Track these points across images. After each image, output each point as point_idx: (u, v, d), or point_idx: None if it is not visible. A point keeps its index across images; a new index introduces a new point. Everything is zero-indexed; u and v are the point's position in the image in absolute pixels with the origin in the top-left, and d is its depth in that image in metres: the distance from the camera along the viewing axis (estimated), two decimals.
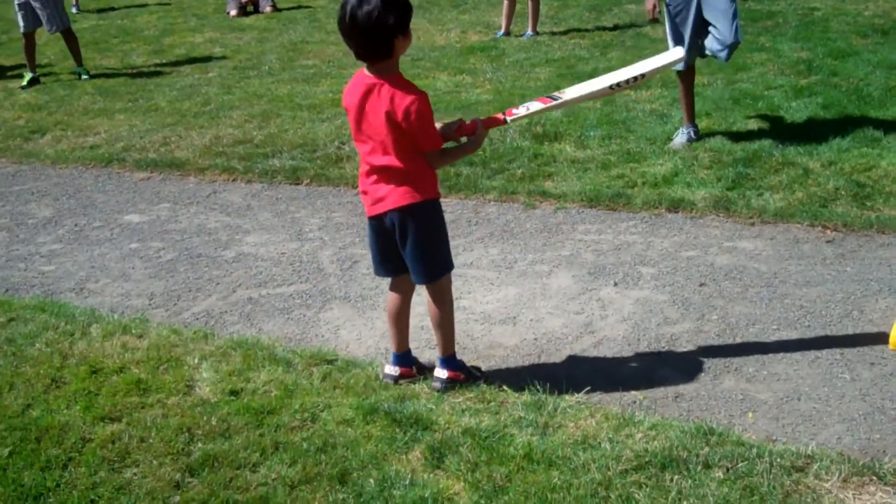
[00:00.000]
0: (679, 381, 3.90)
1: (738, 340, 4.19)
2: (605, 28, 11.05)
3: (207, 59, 11.01)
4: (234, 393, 3.89)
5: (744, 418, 3.62)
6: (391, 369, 3.98)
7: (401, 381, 3.95)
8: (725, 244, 5.13)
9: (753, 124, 6.93)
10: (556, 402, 3.70)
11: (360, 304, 4.77)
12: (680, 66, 6.43)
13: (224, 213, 6.16)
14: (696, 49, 6.42)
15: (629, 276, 4.83)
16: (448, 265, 3.86)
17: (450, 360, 3.90)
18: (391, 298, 3.98)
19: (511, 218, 5.70)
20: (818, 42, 9.28)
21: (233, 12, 13.99)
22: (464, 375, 3.91)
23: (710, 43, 6.35)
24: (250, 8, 14.24)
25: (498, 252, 5.26)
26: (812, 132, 6.63)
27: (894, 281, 4.60)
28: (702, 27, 6.35)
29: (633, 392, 3.84)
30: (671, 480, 3.17)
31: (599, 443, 3.41)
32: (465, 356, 4.18)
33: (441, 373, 3.89)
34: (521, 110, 3.88)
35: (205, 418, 3.69)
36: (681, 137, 6.60)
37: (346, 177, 6.50)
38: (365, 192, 3.75)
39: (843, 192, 5.54)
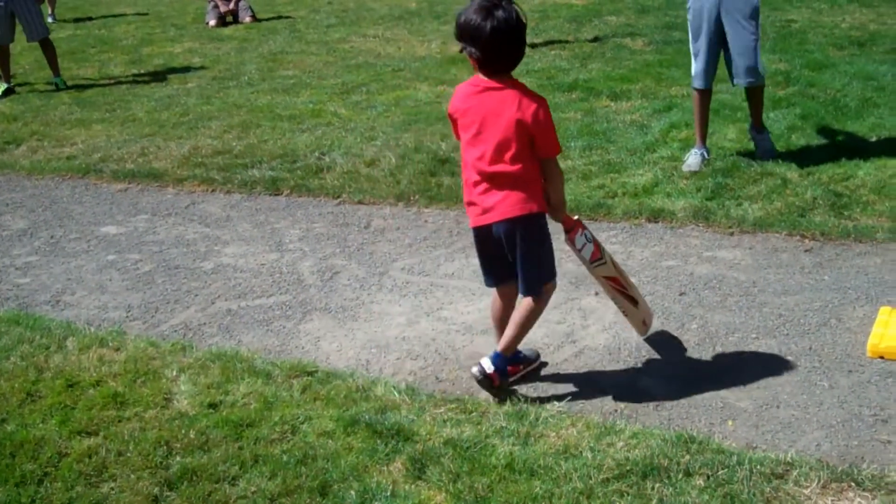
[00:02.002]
0: (660, 390, 3.90)
1: (718, 349, 4.20)
2: (585, 39, 11.08)
3: (186, 69, 10.97)
4: (212, 406, 3.86)
5: (724, 426, 3.63)
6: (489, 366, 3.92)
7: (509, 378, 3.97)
8: (705, 254, 5.15)
9: (732, 135, 6.95)
10: (538, 411, 3.70)
11: (341, 315, 4.76)
12: (698, 84, 6.32)
13: (203, 224, 6.13)
14: (712, 70, 6.29)
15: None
16: (551, 273, 3.88)
17: (502, 360, 3.87)
18: (496, 304, 4.00)
19: None
20: (796, 54, 9.33)
21: (212, 22, 13.95)
22: (502, 380, 3.88)
23: (735, 75, 6.28)
24: (229, 18, 14.20)
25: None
26: (790, 143, 6.67)
27: (871, 289, 4.62)
28: (720, 48, 6.22)
29: (614, 401, 3.84)
30: (652, 489, 3.17)
31: (581, 452, 3.40)
32: (447, 367, 4.19)
33: (487, 365, 3.83)
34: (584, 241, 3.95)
35: (183, 431, 3.66)
36: (695, 158, 6.37)
37: (326, 187, 6.49)
38: (472, 204, 3.75)
39: (820, 202, 5.57)
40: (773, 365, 4.04)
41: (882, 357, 4.01)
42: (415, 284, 5.04)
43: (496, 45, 3.53)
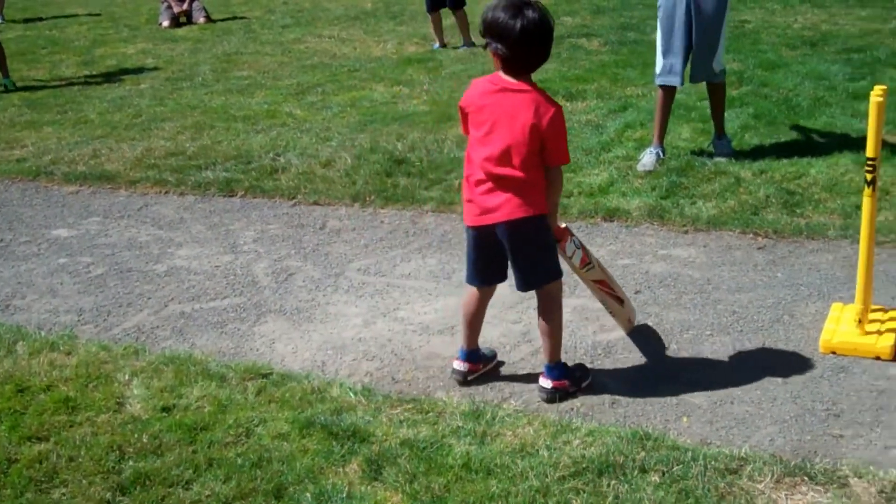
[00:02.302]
0: (615, 388, 3.92)
1: (673, 346, 4.23)
2: None
3: (139, 70, 10.87)
4: (166, 409, 3.81)
5: (679, 422, 3.64)
6: (461, 365, 3.98)
7: (469, 377, 3.98)
8: (660, 252, 5.18)
9: (687, 134, 7.00)
10: (495, 410, 3.70)
11: (296, 316, 4.72)
12: (666, 81, 6.34)
13: (156, 226, 6.07)
14: (682, 68, 6.30)
15: (566, 285, 4.80)
16: (558, 272, 3.85)
17: (555, 368, 3.86)
18: (471, 299, 3.97)
19: (449, 228, 5.69)
20: (749, 54, 9.43)
21: (165, 23, 13.83)
22: (569, 383, 3.87)
23: (694, 74, 6.33)
24: (183, 19, 14.09)
25: (436, 262, 5.25)
26: (743, 142, 6.73)
27: (823, 286, 4.67)
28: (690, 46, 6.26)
29: (570, 399, 3.84)
30: (608, 486, 3.18)
31: (537, 450, 3.40)
32: (403, 367, 4.17)
33: (546, 382, 3.85)
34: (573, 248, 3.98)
35: (136, 436, 3.61)
36: (650, 157, 6.40)
37: (281, 188, 6.45)
38: (470, 201, 3.73)
39: (773, 200, 5.62)
40: (727, 361, 4.08)
41: (834, 352, 4.05)
42: (371, 285, 5.02)
43: (524, 45, 3.50)
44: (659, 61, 6.38)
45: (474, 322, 3.99)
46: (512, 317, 4.55)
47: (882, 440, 3.46)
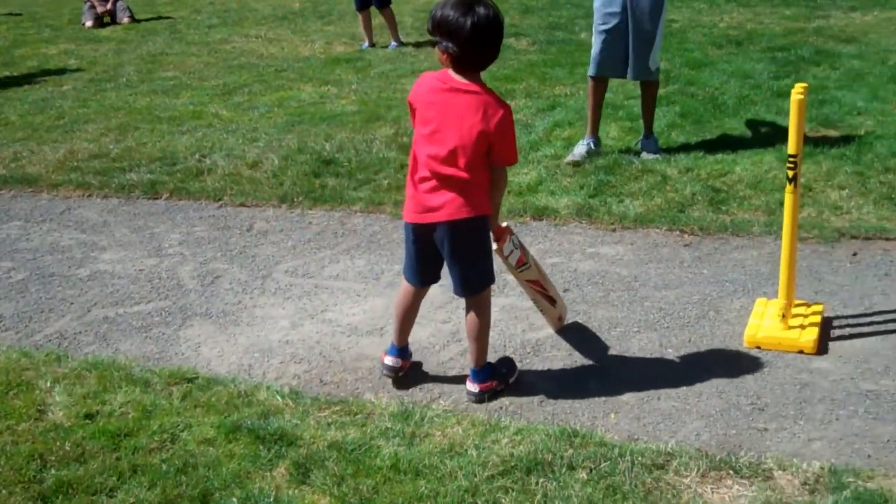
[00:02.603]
0: (544, 386, 3.93)
1: (601, 343, 4.25)
2: None
3: (62, 71, 10.65)
4: (89, 416, 3.74)
5: (606, 419, 3.67)
6: (393, 360, 3.95)
7: (401, 373, 3.95)
8: (588, 250, 5.20)
9: (615, 133, 7.05)
10: (424, 411, 3.68)
11: (222, 319, 4.66)
12: (593, 71, 6.46)
13: (79, 229, 5.95)
14: (610, 61, 6.40)
15: (495, 284, 4.83)
16: (491, 278, 3.83)
17: (482, 372, 3.85)
18: (405, 297, 3.94)
19: (378, 229, 5.67)
20: (675, 53, 9.53)
21: (89, 23, 13.57)
22: (497, 382, 3.87)
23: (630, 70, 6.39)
24: (107, 19, 13.84)
25: (364, 263, 5.22)
26: (670, 140, 6.80)
27: (748, 281, 4.73)
28: (623, 41, 6.33)
29: (499, 398, 3.85)
30: (536, 483, 3.18)
31: (466, 450, 3.40)
32: (331, 369, 4.14)
33: (473, 387, 3.85)
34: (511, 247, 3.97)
35: (58, 444, 3.54)
36: (581, 148, 6.51)
37: (207, 190, 6.36)
38: (413, 198, 3.68)
39: (699, 198, 5.69)
40: (654, 358, 4.11)
41: (759, 347, 4.11)
42: (299, 287, 4.97)
43: (475, 43, 3.46)
44: (593, 54, 6.48)
45: (408, 318, 3.98)
46: (441, 317, 4.54)
47: (805, 433, 3.52)
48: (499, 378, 3.89)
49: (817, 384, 3.83)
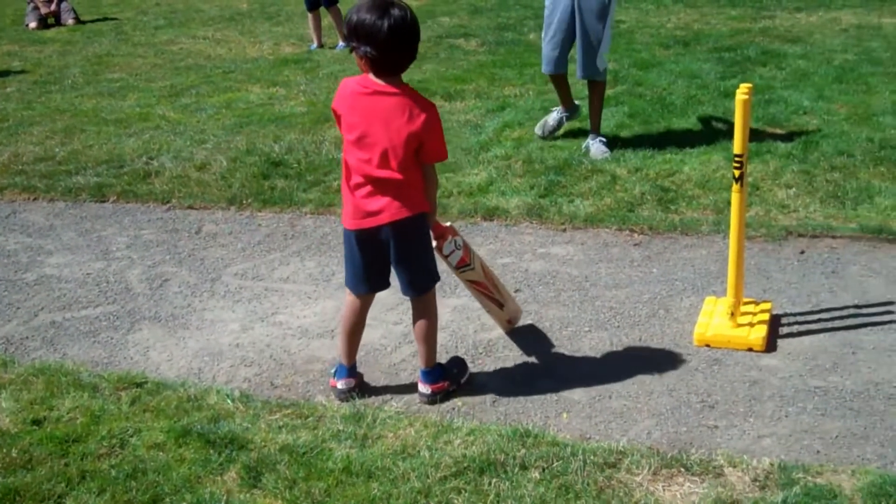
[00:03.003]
0: (496, 386, 3.93)
1: (553, 343, 4.26)
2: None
3: (5, 73, 10.49)
4: (36, 422, 3.68)
5: (559, 419, 3.68)
6: (345, 383, 3.88)
7: (355, 391, 3.88)
8: (539, 250, 5.22)
9: (563, 133, 7.08)
10: (376, 413, 3.67)
11: (171, 323, 4.61)
12: (546, 69, 6.76)
13: (24, 234, 5.86)
14: (562, 59, 6.64)
15: (446, 285, 4.84)
16: (436, 277, 3.82)
17: (432, 373, 3.84)
18: (353, 311, 3.86)
19: (328, 230, 5.64)
20: (624, 53, 9.60)
21: (32, 24, 13.40)
22: (448, 383, 3.86)
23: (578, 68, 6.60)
24: (51, 20, 13.67)
25: (315, 265, 5.19)
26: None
27: (697, 280, 4.77)
28: (570, 40, 6.56)
29: (452, 399, 3.84)
30: (489, 484, 3.18)
31: (419, 451, 3.39)
32: (282, 372, 4.12)
33: (425, 388, 3.83)
34: (452, 246, 3.97)
35: (4, 451, 3.47)
36: (554, 115, 7.00)
37: (154, 192, 6.29)
38: (353, 205, 3.64)
39: (648, 197, 5.73)
40: (605, 357, 4.13)
41: (708, 345, 4.14)
42: (248, 290, 4.93)
43: (393, 45, 3.44)
44: (543, 53, 6.71)
45: (356, 334, 3.91)
46: (392, 318, 4.53)
47: (755, 429, 3.55)
48: (450, 378, 3.89)
49: (766, 381, 3.87)
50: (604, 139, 6.67)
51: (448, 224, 3.93)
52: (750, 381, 3.88)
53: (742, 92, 3.89)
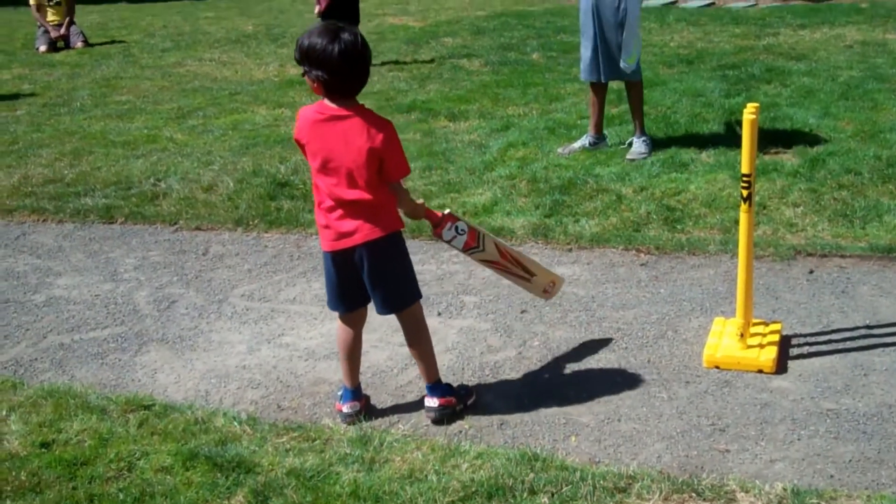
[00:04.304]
0: (503, 409, 3.91)
1: (560, 365, 4.25)
2: (422, 61, 11.15)
3: (15, 96, 10.55)
4: (45, 445, 3.68)
5: (567, 442, 3.65)
6: (350, 406, 3.87)
7: (361, 414, 3.87)
8: None
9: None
10: (383, 436, 3.66)
11: (179, 345, 4.61)
12: (583, 77, 7.03)
13: (34, 255, 5.87)
14: (596, 65, 6.87)
15: (452, 306, 4.84)
16: (417, 293, 3.84)
17: (437, 387, 3.84)
18: (345, 333, 3.88)
19: None
20: None
21: (42, 48, 13.48)
22: (455, 399, 3.86)
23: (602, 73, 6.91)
24: (61, 44, 13.75)
25: (321, 286, 5.14)
26: (623, 159, 6.83)
27: (705, 300, 4.76)
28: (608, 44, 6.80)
29: (459, 421, 3.83)
30: None
31: (426, 475, 3.37)
32: (289, 394, 4.11)
33: (432, 402, 3.83)
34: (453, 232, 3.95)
35: (13, 473, 3.47)
36: (579, 142, 7.19)
37: (162, 214, 6.31)
38: (327, 227, 3.66)
39: (654, 217, 5.72)
40: (613, 379, 4.11)
41: (717, 367, 4.12)
42: (255, 311, 4.93)
43: (344, 69, 3.48)
44: (580, 60, 7.05)
45: (354, 356, 3.91)
46: (398, 340, 4.50)
47: (767, 453, 3.52)
48: (457, 396, 3.89)
49: (778, 404, 3.84)
50: (647, 139, 6.95)
51: (446, 211, 3.92)
52: (761, 403, 3.85)
53: (749, 112, 3.88)
